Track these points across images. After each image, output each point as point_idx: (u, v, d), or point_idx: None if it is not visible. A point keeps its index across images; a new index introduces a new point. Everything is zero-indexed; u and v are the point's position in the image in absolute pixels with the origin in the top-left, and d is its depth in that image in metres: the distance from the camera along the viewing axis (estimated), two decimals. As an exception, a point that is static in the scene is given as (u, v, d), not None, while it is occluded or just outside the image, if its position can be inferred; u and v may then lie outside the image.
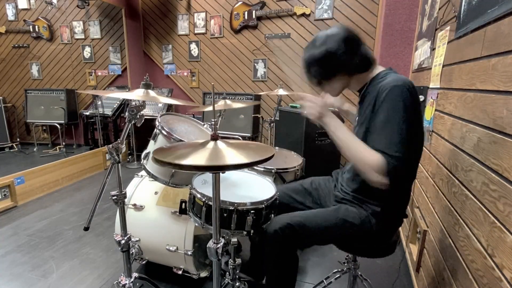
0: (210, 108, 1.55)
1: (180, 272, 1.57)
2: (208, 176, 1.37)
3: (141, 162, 1.53)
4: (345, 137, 1.02)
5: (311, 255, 1.97)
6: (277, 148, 2.25)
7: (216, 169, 0.84)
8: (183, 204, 1.39)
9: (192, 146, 0.87)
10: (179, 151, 0.85)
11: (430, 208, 1.51)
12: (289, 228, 1.07)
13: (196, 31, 4.10)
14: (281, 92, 2.19)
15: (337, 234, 1.13)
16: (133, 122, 1.16)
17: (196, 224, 1.25)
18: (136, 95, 1.15)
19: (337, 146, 1.04)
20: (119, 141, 1.12)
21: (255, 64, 3.88)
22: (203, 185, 1.27)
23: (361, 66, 1.08)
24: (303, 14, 3.50)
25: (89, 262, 1.89)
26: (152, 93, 1.18)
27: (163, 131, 1.42)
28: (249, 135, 3.62)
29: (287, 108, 3.14)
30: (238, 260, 1.31)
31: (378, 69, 1.11)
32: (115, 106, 4.04)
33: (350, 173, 1.21)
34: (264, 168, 1.77)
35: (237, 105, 1.64)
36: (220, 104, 1.76)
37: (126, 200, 1.32)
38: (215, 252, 0.93)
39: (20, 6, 4.35)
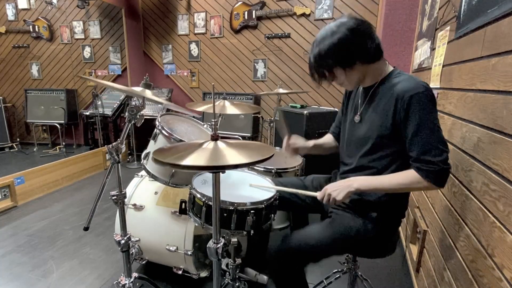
0: (206, 106, 1.56)
1: (180, 272, 1.57)
2: (208, 176, 1.37)
3: (141, 162, 1.53)
4: (381, 183, 1.01)
5: (311, 255, 1.97)
6: (277, 148, 2.25)
7: (217, 169, 0.84)
8: (183, 204, 1.39)
9: (192, 146, 0.87)
10: (179, 152, 0.85)
11: (430, 208, 1.51)
12: (284, 253, 1.07)
13: (196, 31, 4.09)
14: (281, 92, 2.19)
15: (334, 249, 1.12)
16: (133, 122, 1.16)
17: (196, 224, 1.24)
18: (136, 91, 1.14)
19: (381, 191, 1.06)
20: (119, 141, 1.12)
21: (255, 64, 3.88)
22: (203, 185, 1.27)
23: (377, 53, 1.04)
24: (303, 14, 3.50)
25: (89, 262, 1.89)
26: (148, 93, 1.17)
27: (163, 131, 1.42)
28: (249, 135, 3.62)
29: (287, 108, 3.14)
30: (238, 260, 1.31)
31: (389, 67, 1.09)
32: (115, 106, 4.04)
33: (347, 175, 1.20)
34: (264, 168, 1.77)
35: (234, 110, 1.63)
36: (218, 104, 1.76)
37: (126, 200, 1.32)
38: (215, 252, 0.93)
39: (20, 6, 4.35)
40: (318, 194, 1.05)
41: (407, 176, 0.96)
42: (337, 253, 1.14)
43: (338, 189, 1.01)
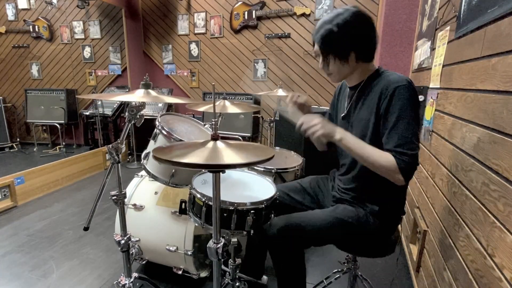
0: (207, 107, 1.56)
1: (180, 272, 1.57)
2: (208, 176, 1.37)
3: (141, 162, 1.53)
4: (360, 147, 1.02)
5: (311, 255, 1.97)
6: (277, 148, 2.25)
7: (215, 168, 0.84)
8: (183, 204, 1.39)
9: (191, 146, 0.88)
10: (178, 151, 0.85)
11: (430, 208, 1.51)
12: (286, 230, 1.07)
13: (196, 31, 4.10)
14: (281, 92, 2.19)
15: (334, 235, 1.12)
16: (133, 122, 1.16)
17: (196, 224, 1.24)
18: (135, 96, 1.15)
19: (349, 153, 1.05)
20: (119, 141, 1.12)
21: (255, 64, 3.88)
22: (203, 185, 1.27)
23: (371, 54, 1.06)
24: (303, 14, 3.50)
25: (89, 262, 1.89)
26: (152, 92, 1.18)
27: (163, 131, 1.42)
28: (249, 135, 3.62)
29: (287, 108, 3.13)
30: (238, 260, 1.31)
31: (374, 66, 1.11)
32: (115, 106, 4.04)
33: (347, 173, 1.21)
34: (264, 168, 1.77)
35: (235, 110, 1.63)
36: (218, 104, 1.75)
37: (126, 200, 1.32)
38: (215, 252, 0.93)
39: (20, 6, 4.35)
40: (301, 120, 1.06)
41: (383, 156, 0.97)
42: (337, 239, 1.14)
43: (324, 127, 1.01)
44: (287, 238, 1.08)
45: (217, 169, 0.85)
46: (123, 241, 1.22)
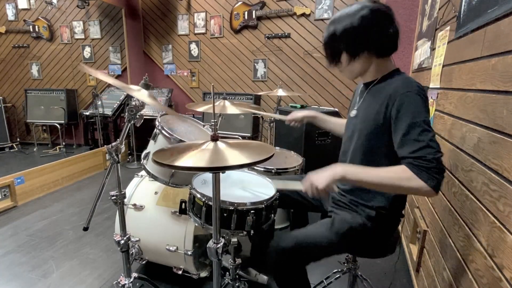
0: (207, 107, 1.56)
1: (180, 272, 1.57)
2: (208, 176, 1.37)
3: (141, 162, 1.53)
4: (369, 175, 0.93)
5: (311, 255, 1.97)
6: (277, 148, 2.25)
7: (217, 170, 0.84)
8: (183, 204, 1.39)
9: (192, 147, 0.87)
10: (179, 153, 0.85)
11: (430, 208, 1.51)
12: (285, 252, 1.06)
13: (196, 31, 4.10)
14: (281, 92, 2.20)
15: (334, 249, 1.11)
16: (132, 122, 1.16)
17: (196, 224, 1.25)
18: (135, 92, 1.14)
19: (360, 185, 0.97)
20: (119, 141, 1.12)
21: (255, 64, 3.88)
22: (203, 185, 1.27)
23: (389, 48, 1.04)
24: (303, 14, 3.50)
25: (89, 262, 1.89)
26: (145, 92, 1.17)
27: (163, 131, 1.42)
28: (249, 135, 3.62)
29: (287, 108, 3.14)
30: (238, 260, 1.31)
31: (392, 66, 1.09)
32: (115, 106, 4.04)
33: None
34: (264, 168, 1.77)
35: (235, 110, 1.63)
36: (218, 104, 1.75)
37: (126, 200, 1.32)
38: (215, 252, 0.93)
39: (20, 6, 4.35)
40: (303, 187, 0.99)
41: (397, 171, 0.89)
42: (337, 253, 1.13)
43: (321, 180, 0.93)
44: (287, 260, 1.07)
45: (220, 170, 0.85)
46: (122, 241, 1.22)
